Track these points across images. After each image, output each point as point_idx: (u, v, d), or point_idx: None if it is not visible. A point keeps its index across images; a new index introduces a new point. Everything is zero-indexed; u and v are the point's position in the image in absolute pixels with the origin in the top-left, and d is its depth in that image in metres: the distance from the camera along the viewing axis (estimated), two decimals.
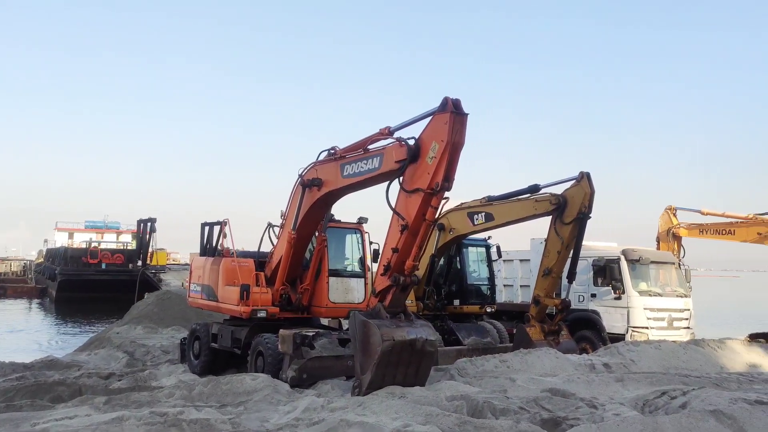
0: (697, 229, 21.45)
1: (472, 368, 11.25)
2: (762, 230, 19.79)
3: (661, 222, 21.94)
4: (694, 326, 17.00)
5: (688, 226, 21.57)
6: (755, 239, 20.10)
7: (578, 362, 12.15)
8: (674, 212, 21.87)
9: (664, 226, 21.70)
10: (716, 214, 21.18)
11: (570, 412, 8.06)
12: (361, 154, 10.14)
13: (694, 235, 21.59)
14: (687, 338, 15.45)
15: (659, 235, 21.84)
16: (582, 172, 13.50)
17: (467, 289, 16.43)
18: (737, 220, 20.62)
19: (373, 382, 8.93)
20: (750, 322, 24.45)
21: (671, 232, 21.47)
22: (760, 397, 9.04)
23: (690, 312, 16.57)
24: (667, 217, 21.83)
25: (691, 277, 18.03)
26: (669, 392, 9.16)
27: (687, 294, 16.82)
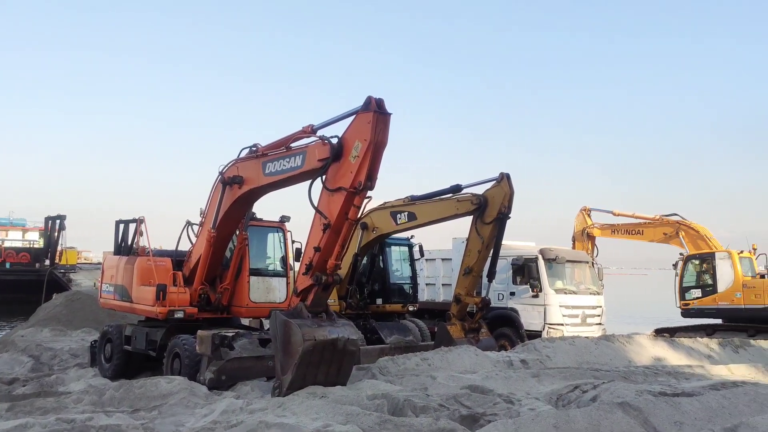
0: (610, 230, 22.39)
1: (394, 367, 11.31)
2: (667, 230, 20.86)
3: (577, 222, 22.77)
4: (606, 322, 17.74)
5: (602, 226, 22.48)
6: (661, 239, 21.18)
7: (497, 359, 12.44)
8: (589, 213, 22.74)
9: (579, 227, 22.53)
10: (627, 215, 22.18)
11: (488, 408, 8.23)
12: (284, 152, 10.01)
13: (606, 235, 22.52)
14: (599, 334, 16.08)
15: (575, 235, 22.65)
16: (502, 173, 13.82)
17: (390, 288, 16.52)
18: (645, 220, 21.67)
19: (294, 383, 8.84)
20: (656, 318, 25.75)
21: (586, 232, 22.31)
22: (664, 389, 9.51)
23: (602, 309, 17.27)
24: (582, 218, 22.67)
25: (603, 275, 18.79)
26: (581, 386, 9.51)
27: (599, 291, 17.52)
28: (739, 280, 18.65)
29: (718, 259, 19.17)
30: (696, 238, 20.43)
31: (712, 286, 19.16)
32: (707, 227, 20.65)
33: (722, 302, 18.91)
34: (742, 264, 19.04)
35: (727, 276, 18.90)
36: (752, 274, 19.11)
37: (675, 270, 20.29)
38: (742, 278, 18.67)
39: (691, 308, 19.68)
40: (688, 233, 20.59)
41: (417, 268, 17.56)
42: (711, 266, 19.30)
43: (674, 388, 9.75)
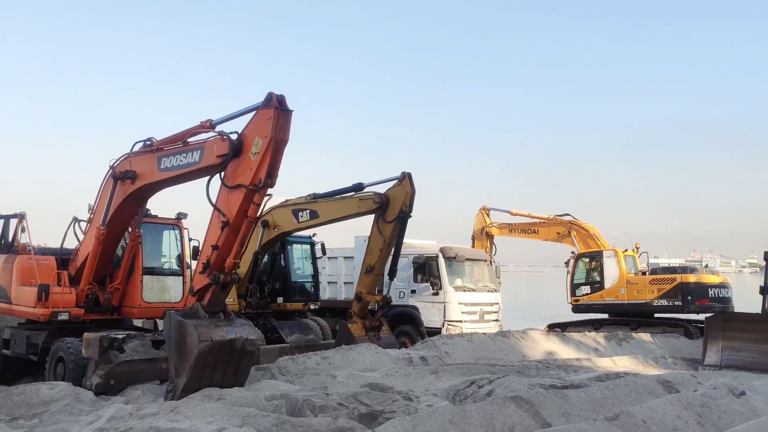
0: (507, 229, 23.12)
1: (294, 366, 11.21)
2: (560, 230, 21.79)
3: (476, 221, 23.37)
4: (503, 318, 18.34)
5: (500, 225, 23.18)
6: (555, 238, 22.09)
7: (397, 356, 12.58)
8: (488, 212, 23.39)
9: (479, 226, 23.14)
10: (523, 215, 22.98)
11: (387, 406, 8.29)
12: (181, 147, 9.67)
13: (504, 234, 23.24)
14: (496, 330, 16.60)
15: (474, 234, 23.24)
16: (404, 173, 13.97)
17: (291, 287, 16.34)
18: (540, 220, 22.53)
19: (189, 385, 8.56)
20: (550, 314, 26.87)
21: (485, 231, 22.94)
22: (554, 382, 9.94)
23: (499, 305, 17.83)
24: (481, 217, 23.29)
25: (500, 273, 19.40)
26: (477, 381, 9.76)
27: (497, 289, 18.08)
28: (624, 276, 19.75)
29: (605, 257, 20.21)
30: (586, 237, 21.43)
31: (600, 283, 20.17)
32: (596, 227, 21.75)
33: (608, 298, 19.97)
34: (627, 262, 20.17)
35: (613, 273, 19.96)
36: (635, 271, 20.29)
37: (567, 267, 21.22)
38: (626, 275, 19.78)
39: (580, 304, 20.64)
40: (579, 232, 21.56)
41: (319, 267, 17.47)
42: (599, 264, 20.31)
43: (564, 381, 10.22)
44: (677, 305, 18.77)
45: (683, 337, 17.97)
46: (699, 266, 23.43)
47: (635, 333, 17.88)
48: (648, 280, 19.47)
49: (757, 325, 14.75)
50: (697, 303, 18.65)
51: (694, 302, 18.64)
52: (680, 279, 18.82)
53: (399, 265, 14.95)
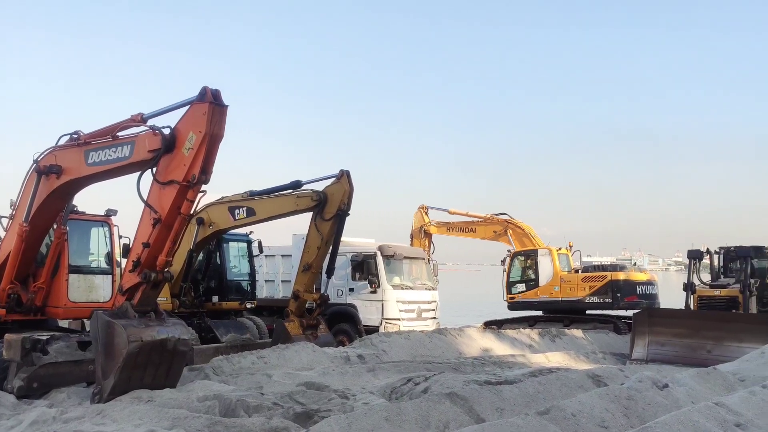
0: (445, 227, 23.35)
1: (229, 366, 11.02)
2: (497, 229, 22.16)
3: (415, 220, 23.51)
4: (440, 316, 18.52)
5: (438, 224, 23.39)
6: (492, 236, 22.44)
7: (334, 355, 12.53)
8: (426, 211, 23.56)
9: (417, 224, 23.28)
10: (461, 214, 23.25)
11: (323, 405, 8.25)
12: (110, 141, 9.36)
13: (442, 233, 23.46)
14: (433, 328, 16.74)
15: (413, 232, 23.37)
16: (342, 170, 13.92)
17: (227, 285, 16.04)
18: (478, 219, 22.86)
19: (117, 387, 8.30)
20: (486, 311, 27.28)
21: (423, 230, 23.10)
22: (489, 378, 10.11)
23: (437, 303, 17.99)
24: (419, 216, 23.44)
25: (438, 271, 19.58)
26: (414, 379, 9.82)
27: (434, 287, 18.24)
28: (558, 274, 20.26)
29: (540, 256, 20.67)
30: (522, 236, 21.87)
31: (535, 281, 20.62)
32: (532, 226, 22.23)
33: (543, 295, 20.44)
34: (560, 260, 20.70)
35: (548, 271, 20.45)
36: (568, 269, 20.85)
37: (503, 266, 21.62)
38: (560, 273, 20.30)
39: (516, 301, 21.07)
40: (516, 231, 21.97)
41: (256, 265, 17.21)
42: (534, 262, 20.77)
43: (498, 377, 10.40)
44: (608, 302, 19.37)
45: (613, 333, 18.57)
46: (628, 264, 24.23)
47: (568, 329, 18.36)
48: (580, 278, 20.02)
49: (681, 321, 15.40)
50: (626, 300, 19.30)
51: (623, 299, 19.29)
52: (611, 277, 19.44)
53: (337, 264, 14.89)
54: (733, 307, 16.26)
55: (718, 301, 16.72)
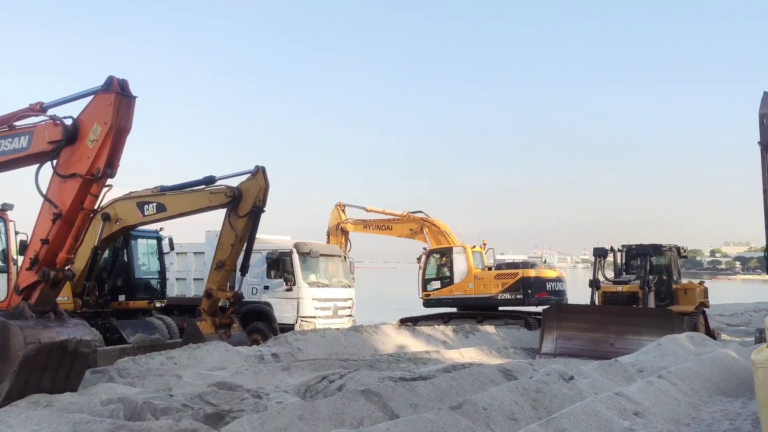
0: (362, 225, 23.37)
1: (135, 368, 10.61)
2: (413, 226, 22.40)
3: (332, 217, 23.42)
4: (356, 314, 18.52)
5: (355, 221, 23.38)
6: (408, 234, 22.66)
7: (248, 354, 12.30)
8: (343, 208, 23.51)
9: (334, 221, 23.20)
10: (378, 211, 23.34)
11: (235, 405, 8.07)
12: (6, 131, 8.82)
13: (359, 230, 23.46)
14: (349, 325, 16.73)
15: (329, 230, 23.26)
16: (258, 166, 13.66)
17: (135, 284, 15.40)
18: (394, 217, 23.02)
19: (13, 392, 7.82)
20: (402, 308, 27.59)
21: (340, 227, 23.03)
22: (404, 374, 10.18)
23: (353, 301, 17.98)
24: (336, 213, 23.37)
25: (355, 268, 19.57)
26: (329, 376, 9.78)
27: (351, 284, 18.21)
28: (472, 272, 20.70)
29: (454, 254, 21.06)
30: (437, 234, 22.20)
31: (450, 278, 21.00)
32: (448, 224, 22.59)
33: (457, 292, 20.83)
34: (474, 257, 21.17)
35: (462, 268, 20.86)
36: (482, 266, 21.35)
37: (419, 263, 21.88)
38: (474, 270, 20.75)
39: (431, 298, 21.37)
40: (431, 229, 22.28)
41: (166, 263, 16.64)
42: (449, 260, 21.13)
43: (413, 373, 10.50)
44: (519, 298, 19.96)
45: (523, 328, 19.17)
46: (539, 262, 25.05)
47: (481, 325, 18.83)
48: (493, 275, 20.53)
49: (586, 316, 16.08)
50: (536, 296, 19.95)
51: (534, 295, 19.93)
52: (522, 274, 20.04)
53: (252, 261, 14.62)
54: (634, 302, 17.09)
55: (620, 296, 17.54)
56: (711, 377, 8.93)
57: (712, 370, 9.20)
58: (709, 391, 8.51)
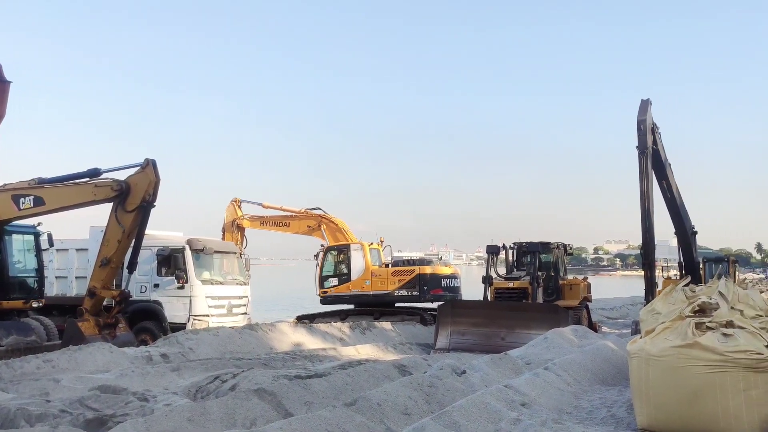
0: (259, 221, 22.96)
1: (9, 372, 9.92)
2: (311, 223, 22.25)
3: (227, 213, 22.86)
4: (252, 312, 18.17)
5: (251, 218, 22.93)
6: (306, 231, 22.48)
7: (135, 355, 11.77)
8: (239, 204, 23.01)
9: (230, 218, 22.66)
10: (275, 208, 23.00)
11: (119, 409, 7.70)
12: None
13: (255, 227, 23.04)
14: (244, 323, 16.37)
15: (225, 226, 22.71)
16: (147, 159, 13.09)
17: (9, 283, 14.31)
18: (292, 213, 22.77)
19: None
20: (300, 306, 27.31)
21: (236, 224, 22.53)
22: (299, 372, 10.04)
23: (248, 299, 17.63)
24: (232, 209, 22.84)
25: (251, 265, 19.19)
26: (221, 376, 9.50)
27: (246, 282, 17.84)
28: (369, 269, 20.81)
29: (352, 251, 21.09)
30: (335, 231, 22.16)
31: (347, 275, 21.00)
32: (347, 221, 22.61)
33: (354, 289, 20.88)
34: (372, 255, 21.30)
35: (359, 265, 20.92)
36: (379, 263, 21.52)
37: (316, 260, 21.75)
38: (371, 267, 20.87)
39: (328, 295, 21.30)
40: (329, 226, 22.22)
41: (45, 260, 15.60)
42: (346, 257, 21.14)
43: (308, 371, 10.39)
44: (415, 295, 20.27)
45: (419, 324, 19.49)
46: (435, 259, 25.55)
47: (378, 322, 18.95)
48: (390, 272, 20.73)
49: (479, 311, 16.58)
50: (432, 293, 20.33)
51: (430, 292, 20.30)
52: (418, 270, 20.36)
53: (141, 258, 14.02)
54: (524, 297, 17.81)
55: (511, 292, 18.22)
56: (592, 367, 9.40)
57: (593, 361, 9.70)
58: (590, 380, 8.96)
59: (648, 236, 15.47)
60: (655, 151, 15.91)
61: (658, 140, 16.61)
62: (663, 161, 17.17)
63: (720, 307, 6.37)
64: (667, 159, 17.63)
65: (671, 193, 17.92)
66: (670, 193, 17.90)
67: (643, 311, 7.04)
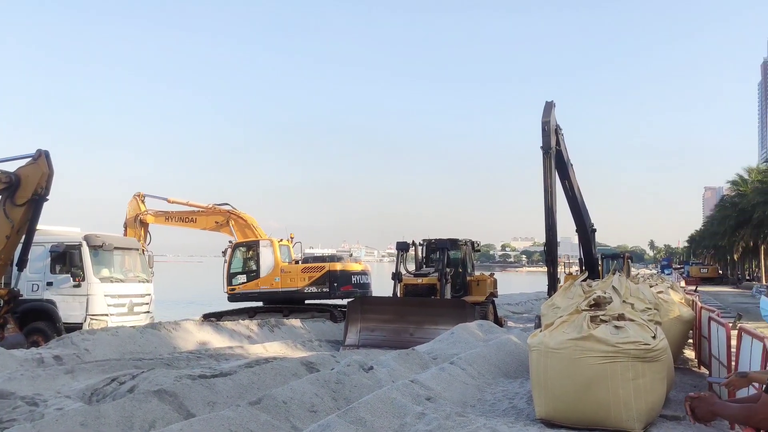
0: (164, 217, 22.13)
1: None
2: (219, 219, 21.67)
3: (129, 208, 21.92)
4: (156, 310, 17.50)
5: (155, 213, 22.07)
6: (213, 227, 21.87)
7: (25, 357, 11.10)
8: (143, 199, 22.09)
9: (132, 213, 21.73)
10: (181, 203, 22.24)
11: (5, 414, 7.29)
12: None
13: (160, 222, 22.20)
14: (146, 323, 15.74)
15: (127, 221, 21.76)
16: (40, 150, 12.34)
17: None
18: (199, 209, 22.11)
19: None
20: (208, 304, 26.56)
21: (139, 219, 21.63)
22: (204, 372, 9.77)
23: (151, 297, 16.96)
24: (135, 204, 21.91)
25: (154, 262, 18.48)
26: (119, 378, 9.12)
27: (149, 279, 17.16)
28: (279, 265, 20.50)
29: (261, 247, 20.71)
30: (244, 227, 21.69)
31: (256, 272, 20.61)
32: (260, 218, 22.16)
33: (263, 286, 20.52)
34: (282, 251, 20.99)
35: (269, 262, 20.57)
36: (289, 260, 21.25)
37: (224, 257, 21.22)
38: (281, 264, 20.58)
39: (237, 293, 20.82)
40: (238, 222, 21.71)
41: None
42: (255, 253, 20.73)
43: (213, 370, 10.12)
44: (325, 291, 20.15)
45: (329, 321, 19.41)
46: (346, 256, 25.49)
47: (287, 319, 18.72)
48: (300, 269, 20.52)
49: (388, 307, 16.68)
50: (342, 289, 20.26)
51: (340, 288, 20.23)
52: (328, 267, 20.24)
53: (32, 255, 13.22)
54: (433, 293, 18.04)
55: (420, 288, 18.40)
56: (495, 361, 9.66)
57: (497, 355, 9.97)
58: (494, 373, 9.21)
59: (551, 233, 16.02)
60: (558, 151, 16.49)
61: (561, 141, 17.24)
62: (565, 161, 17.84)
63: (613, 301, 6.68)
64: (569, 159, 18.34)
65: (573, 192, 18.65)
66: (572, 192, 18.63)
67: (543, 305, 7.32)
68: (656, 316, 7.18)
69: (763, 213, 40.59)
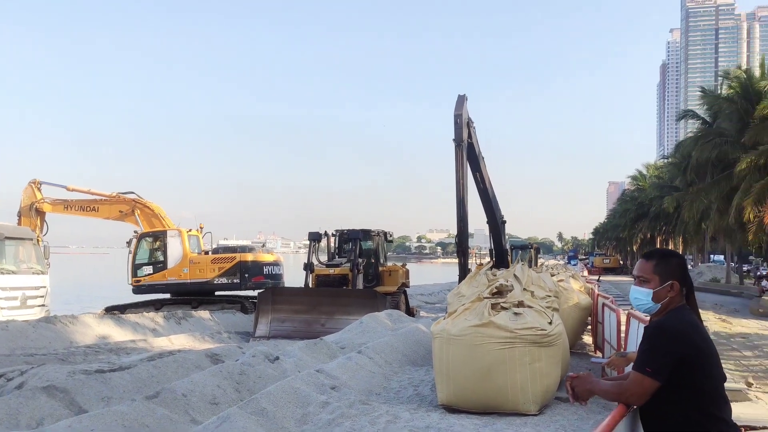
0: (62, 205, 21.01)
1: None
2: (123, 208, 20.79)
3: (24, 196, 20.69)
4: (52, 303, 16.61)
5: (53, 201, 20.92)
6: (117, 216, 20.95)
7: None
8: (39, 186, 20.89)
9: (27, 201, 20.51)
10: (82, 191, 21.18)
11: None
12: None
13: (59, 211, 21.06)
14: (40, 316, 14.90)
15: (21, 210, 20.53)
16: None
17: None
18: (102, 197, 21.11)
19: None
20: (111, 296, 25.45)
21: (34, 207, 20.43)
22: (102, 367, 9.32)
23: (46, 289, 16.08)
24: (30, 191, 20.69)
25: (50, 253, 17.51)
26: (7, 374, 8.61)
27: (45, 271, 16.26)
28: (187, 256, 19.91)
29: (169, 237, 20.04)
30: (151, 217, 20.91)
31: (163, 263, 19.93)
32: (171, 208, 21.43)
33: (171, 277, 19.88)
34: (191, 241, 20.39)
35: (177, 253, 19.94)
36: (198, 250, 20.67)
37: (129, 248, 20.39)
38: (190, 255, 19.99)
39: (142, 285, 20.09)
40: (144, 211, 20.91)
41: None
42: (163, 244, 20.04)
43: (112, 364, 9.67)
44: (236, 282, 19.77)
45: (240, 313, 19.03)
46: (259, 246, 25.06)
47: (195, 311, 18.21)
48: (210, 260, 20.03)
49: (300, 298, 16.51)
50: (253, 280, 19.94)
51: (251, 279, 19.90)
52: (239, 258, 19.85)
53: None
54: (345, 283, 18.01)
55: (332, 278, 18.32)
56: (403, 350, 9.73)
57: (405, 343, 10.04)
58: (401, 362, 9.26)
59: (462, 225, 16.31)
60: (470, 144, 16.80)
61: (473, 134, 17.58)
62: (477, 154, 18.21)
63: (514, 289, 6.84)
64: (480, 152, 18.73)
65: (484, 184, 19.07)
66: (483, 184, 19.04)
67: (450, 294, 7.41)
68: (555, 303, 7.41)
69: (659, 206, 42.97)
